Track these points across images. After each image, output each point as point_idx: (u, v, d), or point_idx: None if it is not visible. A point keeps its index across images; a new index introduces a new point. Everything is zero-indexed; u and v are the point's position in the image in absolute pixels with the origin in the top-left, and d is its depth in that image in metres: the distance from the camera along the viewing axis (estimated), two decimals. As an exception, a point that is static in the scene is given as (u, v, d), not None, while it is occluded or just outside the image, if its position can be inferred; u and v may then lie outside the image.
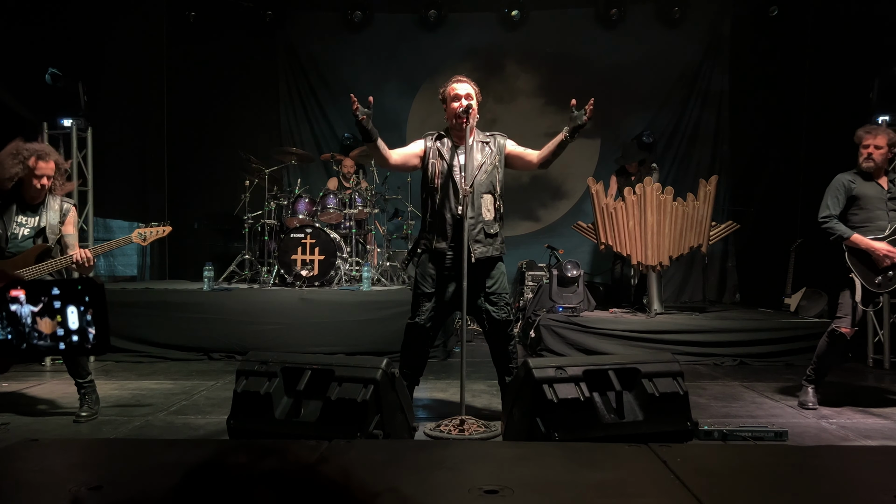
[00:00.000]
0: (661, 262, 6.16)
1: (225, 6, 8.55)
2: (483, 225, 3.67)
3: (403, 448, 2.37)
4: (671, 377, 2.99)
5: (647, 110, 8.78)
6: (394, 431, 2.90)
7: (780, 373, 5.30)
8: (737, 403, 4.30)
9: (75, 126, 5.85)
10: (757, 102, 8.38)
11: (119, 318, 5.94)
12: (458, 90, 3.71)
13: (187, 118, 8.75)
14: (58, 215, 3.88)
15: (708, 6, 8.59)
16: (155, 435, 3.61)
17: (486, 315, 3.74)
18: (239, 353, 5.68)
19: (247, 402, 2.97)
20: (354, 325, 5.84)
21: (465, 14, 8.84)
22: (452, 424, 3.50)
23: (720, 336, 5.84)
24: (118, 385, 4.85)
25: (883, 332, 5.71)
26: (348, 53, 8.89)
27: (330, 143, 8.94)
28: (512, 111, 8.83)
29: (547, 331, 5.86)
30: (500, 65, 8.95)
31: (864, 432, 3.63)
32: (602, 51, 8.75)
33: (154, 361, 5.76)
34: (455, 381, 4.71)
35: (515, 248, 7.93)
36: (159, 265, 8.75)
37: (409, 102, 8.96)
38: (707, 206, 6.15)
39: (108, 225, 7.84)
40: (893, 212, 4.07)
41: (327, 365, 2.98)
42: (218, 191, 8.71)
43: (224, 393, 4.50)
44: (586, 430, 2.79)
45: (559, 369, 2.88)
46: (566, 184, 8.91)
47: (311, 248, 6.45)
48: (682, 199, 6.15)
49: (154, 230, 4.07)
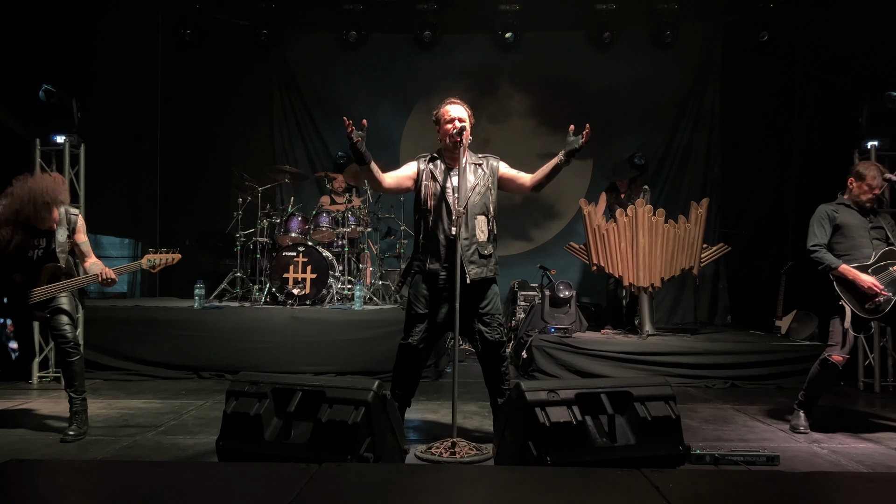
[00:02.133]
0: (653, 284, 6.18)
1: (221, 24, 8.59)
2: (477, 246, 3.68)
3: (395, 472, 2.36)
4: (663, 401, 2.98)
5: (639, 132, 8.84)
6: (385, 454, 2.87)
7: (772, 395, 5.30)
8: (728, 427, 4.29)
9: (68, 142, 5.83)
10: (748, 125, 8.46)
11: (108, 335, 5.90)
12: (451, 112, 3.74)
13: (181, 135, 8.74)
14: (66, 230, 3.95)
15: (699, 30, 8.70)
16: (143, 455, 3.57)
17: (478, 336, 3.74)
18: (229, 371, 5.64)
19: (236, 424, 2.94)
20: (346, 345, 5.81)
21: (460, 35, 8.91)
22: (444, 447, 3.48)
23: (711, 358, 5.84)
24: (106, 404, 4.79)
25: (873, 356, 5.72)
26: (343, 73, 8.93)
27: (324, 161, 8.94)
28: (505, 131, 8.88)
29: (539, 351, 5.85)
30: (493, 85, 9.01)
31: (855, 457, 3.63)
32: (594, 73, 8.83)
33: (143, 380, 5.70)
34: (446, 402, 4.69)
35: (508, 268, 7.93)
36: (150, 282, 8.69)
37: (402, 122, 9.00)
38: (698, 229, 6.18)
39: (100, 241, 7.80)
40: (877, 240, 4.15)
41: (318, 386, 2.95)
42: (210, 208, 8.69)
43: (213, 412, 4.46)
44: (578, 454, 2.78)
45: (551, 392, 2.87)
46: (558, 204, 8.94)
47: (304, 267, 6.44)
48: (674, 221, 6.18)
49: (163, 257, 4.06)
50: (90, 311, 5.97)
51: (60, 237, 3.90)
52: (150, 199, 8.73)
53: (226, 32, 8.66)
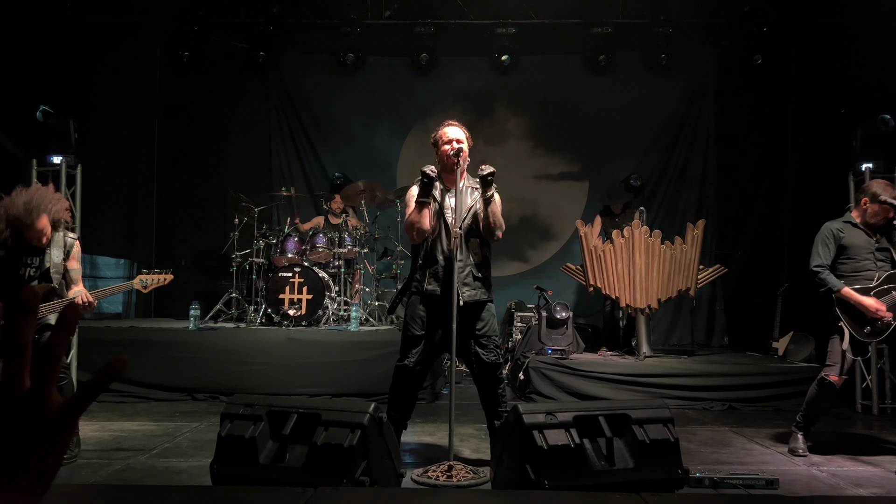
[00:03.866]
0: (650, 305, 6.17)
1: (219, 47, 8.64)
2: (471, 268, 3.68)
3: (391, 496, 2.33)
4: (662, 423, 2.96)
5: (634, 154, 8.89)
6: (381, 478, 2.84)
7: (770, 418, 5.27)
8: (727, 449, 4.26)
9: (65, 163, 5.84)
10: (743, 147, 8.52)
11: (102, 356, 5.84)
12: (449, 134, 3.77)
13: (178, 156, 8.75)
14: (61, 252, 3.83)
15: (694, 53, 8.78)
16: (135, 479, 3.53)
17: (475, 358, 3.72)
18: (224, 393, 5.59)
19: (231, 447, 2.90)
20: (342, 366, 5.77)
21: (457, 58, 8.98)
22: (440, 470, 3.45)
23: (709, 380, 5.82)
24: (99, 426, 4.74)
25: (871, 378, 5.71)
26: (340, 95, 8.98)
27: (321, 182, 8.96)
28: (501, 154, 8.90)
29: (536, 373, 5.82)
30: (490, 108, 9.07)
31: (855, 480, 3.60)
32: (591, 96, 8.90)
33: (137, 402, 5.65)
34: (443, 425, 4.65)
35: (504, 289, 7.92)
36: (145, 303, 8.65)
37: (399, 143, 9.04)
38: (695, 250, 6.19)
39: (96, 262, 7.78)
40: (881, 262, 4.07)
41: (314, 409, 2.93)
42: (207, 229, 8.69)
43: (208, 435, 4.41)
44: (576, 478, 2.75)
45: (549, 415, 2.85)
46: (555, 225, 8.96)
47: (300, 288, 6.41)
48: (670, 242, 6.19)
49: (155, 277, 4.02)
50: (84, 332, 5.93)
51: (55, 258, 3.81)
52: (147, 219, 8.72)
53: (223, 54, 8.70)
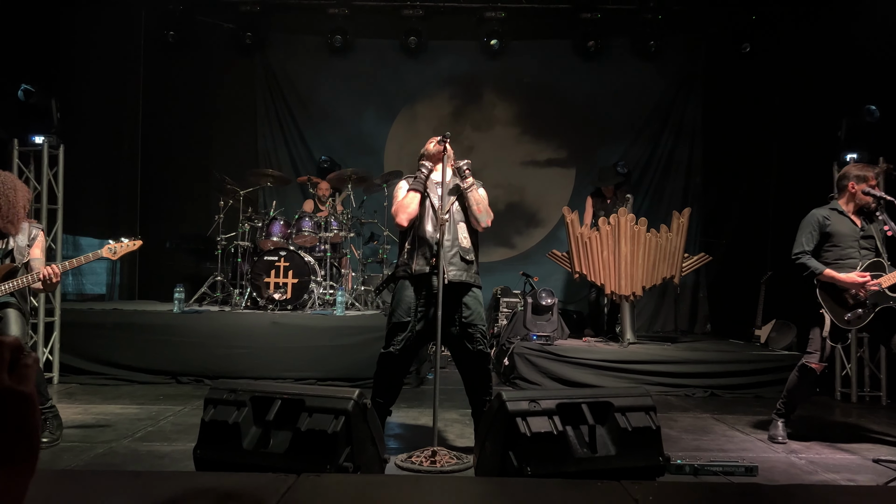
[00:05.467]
0: (635, 292, 6.21)
1: (205, 27, 8.52)
2: (459, 250, 3.71)
3: (374, 482, 2.34)
4: (644, 411, 2.98)
5: (622, 141, 8.90)
6: (365, 464, 2.85)
7: (750, 405, 5.34)
8: (707, 437, 4.31)
9: (47, 143, 5.75)
10: (729, 136, 8.53)
11: (85, 338, 5.82)
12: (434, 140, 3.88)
13: (162, 137, 8.65)
14: (26, 238, 3.85)
15: (682, 41, 8.78)
16: (118, 463, 3.52)
17: (461, 346, 3.73)
18: (208, 376, 5.58)
19: (214, 432, 2.90)
20: (327, 351, 5.77)
21: (446, 42, 8.91)
22: (424, 456, 3.47)
23: (691, 367, 5.88)
24: (82, 409, 4.72)
25: (850, 366, 5.78)
26: (328, 77, 8.90)
27: (307, 165, 8.90)
28: (489, 139, 8.89)
29: (521, 359, 5.85)
30: (478, 93, 9.03)
31: (831, 467, 3.66)
32: (579, 82, 8.87)
33: (120, 384, 5.62)
34: (427, 410, 4.67)
35: (490, 275, 7.93)
36: (129, 285, 8.59)
37: (387, 128, 8.98)
38: (680, 238, 6.22)
39: (78, 242, 7.69)
40: (865, 250, 4.09)
41: (297, 394, 2.92)
42: (191, 211, 8.60)
43: (191, 419, 4.40)
44: (559, 465, 2.77)
45: (532, 402, 2.86)
46: (541, 212, 8.97)
47: (285, 271, 6.38)
48: (656, 230, 6.22)
49: (124, 244, 4.00)
50: (66, 313, 5.89)
51: (21, 242, 3.83)
52: (130, 201, 8.64)
53: (209, 35, 8.58)
